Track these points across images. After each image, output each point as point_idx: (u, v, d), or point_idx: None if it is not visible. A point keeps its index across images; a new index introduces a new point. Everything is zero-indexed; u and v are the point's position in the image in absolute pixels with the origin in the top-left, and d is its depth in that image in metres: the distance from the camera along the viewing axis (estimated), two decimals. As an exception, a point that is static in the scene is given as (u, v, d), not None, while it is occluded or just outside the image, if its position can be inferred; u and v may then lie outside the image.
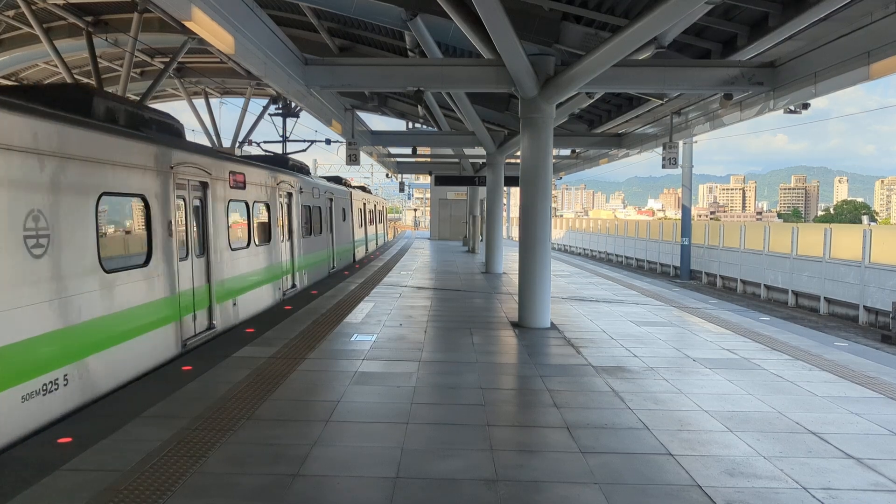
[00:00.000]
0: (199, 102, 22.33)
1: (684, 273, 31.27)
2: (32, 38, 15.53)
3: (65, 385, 6.22)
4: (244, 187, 11.67)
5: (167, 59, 16.55)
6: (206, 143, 21.46)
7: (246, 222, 11.90)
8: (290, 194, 14.82)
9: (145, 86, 18.07)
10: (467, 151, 25.91)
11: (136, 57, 15.82)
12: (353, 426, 5.88)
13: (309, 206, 16.78)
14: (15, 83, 17.87)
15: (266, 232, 13.10)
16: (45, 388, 5.90)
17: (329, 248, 19.49)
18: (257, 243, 12.42)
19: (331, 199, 20.02)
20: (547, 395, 6.93)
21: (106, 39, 14.96)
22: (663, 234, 35.09)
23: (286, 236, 14.52)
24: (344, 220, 22.30)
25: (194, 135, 23.35)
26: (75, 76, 15.73)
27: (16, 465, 4.84)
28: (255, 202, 12.27)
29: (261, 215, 12.83)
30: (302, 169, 17.25)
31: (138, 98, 17.07)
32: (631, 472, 4.94)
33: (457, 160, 30.31)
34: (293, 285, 14.88)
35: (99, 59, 15.28)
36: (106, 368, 6.98)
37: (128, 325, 7.49)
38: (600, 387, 7.26)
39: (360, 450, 5.30)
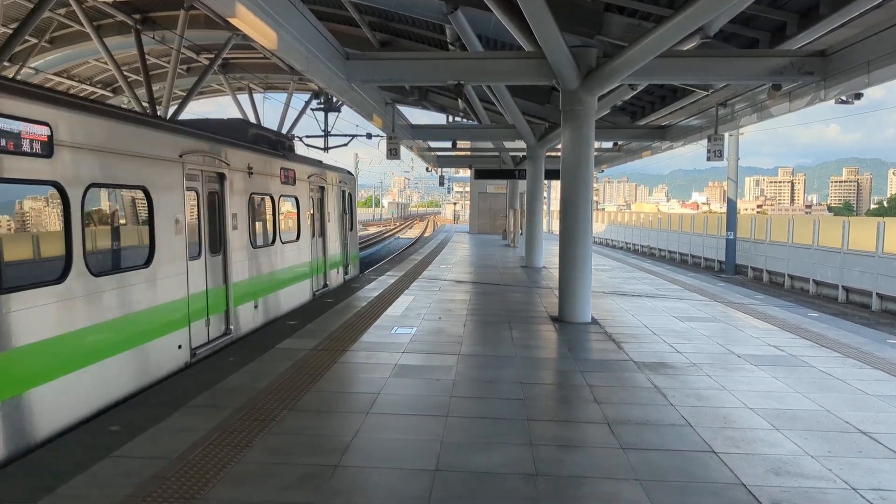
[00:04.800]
0: (243, 98, 22.64)
1: (729, 268, 30.65)
2: (83, 35, 15.93)
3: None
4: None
5: (212, 56, 16.81)
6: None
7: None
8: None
9: (191, 82, 18.40)
10: (507, 144, 25.77)
11: (183, 53, 16.11)
12: (392, 418, 5.92)
13: None
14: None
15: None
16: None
17: None
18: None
19: None
20: (587, 390, 6.88)
21: (153, 37, 15.28)
22: (708, 228, 34.43)
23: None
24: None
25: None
26: (124, 73, 16.09)
27: (71, 450, 5.00)
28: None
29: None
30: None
31: (184, 94, 17.42)
32: (673, 469, 4.87)
33: (497, 153, 30.17)
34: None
35: (147, 56, 15.61)
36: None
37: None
38: (642, 383, 7.17)
39: (399, 442, 5.34)
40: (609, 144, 25.97)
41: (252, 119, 22.01)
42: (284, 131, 23.18)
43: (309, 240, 13.44)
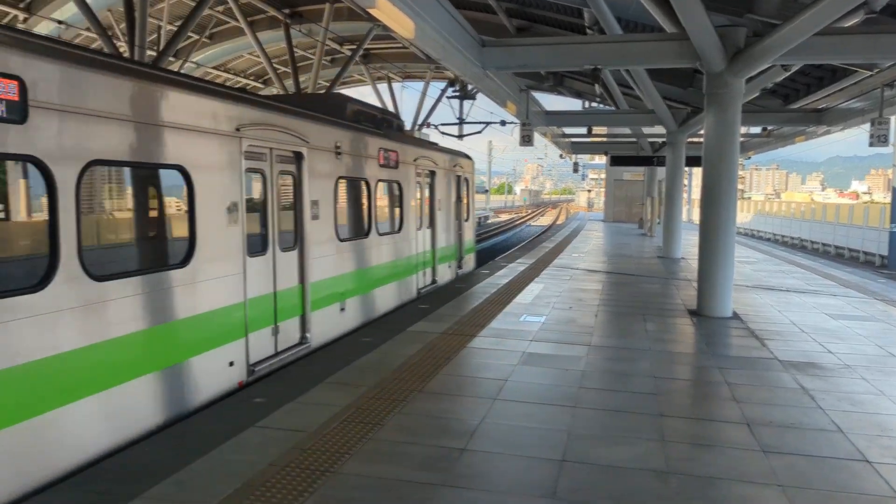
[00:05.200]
0: (383, 87, 23.33)
1: (892, 263, 28.06)
2: (238, 31, 17.07)
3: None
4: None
5: (354, 47, 17.48)
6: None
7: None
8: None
9: (334, 72, 19.20)
10: (646, 130, 24.93)
11: (327, 45, 16.83)
12: (520, 406, 5.92)
13: None
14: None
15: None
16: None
17: None
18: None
19: None
20: (725, 387, 6.56)
21: (300, 30, 16.10)
22: (868, 220, 31.68)
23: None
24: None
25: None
26: (274, 65, 17.04)
27: (220, 419, 5.41)
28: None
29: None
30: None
31: (328, 84, 18.22)
32: (819, 476, 4.55)
33: (634, 140, 29.27)
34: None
35: (294, 48, 16.47)
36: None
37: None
38: (787, 383, 6.74)
39: (526, 430, 5.33)
40: (757, 129, 24.56)
41: (390, 108, 22.66)
42: (421, 119, 23.70)
43: (414, 231, 11.98)
